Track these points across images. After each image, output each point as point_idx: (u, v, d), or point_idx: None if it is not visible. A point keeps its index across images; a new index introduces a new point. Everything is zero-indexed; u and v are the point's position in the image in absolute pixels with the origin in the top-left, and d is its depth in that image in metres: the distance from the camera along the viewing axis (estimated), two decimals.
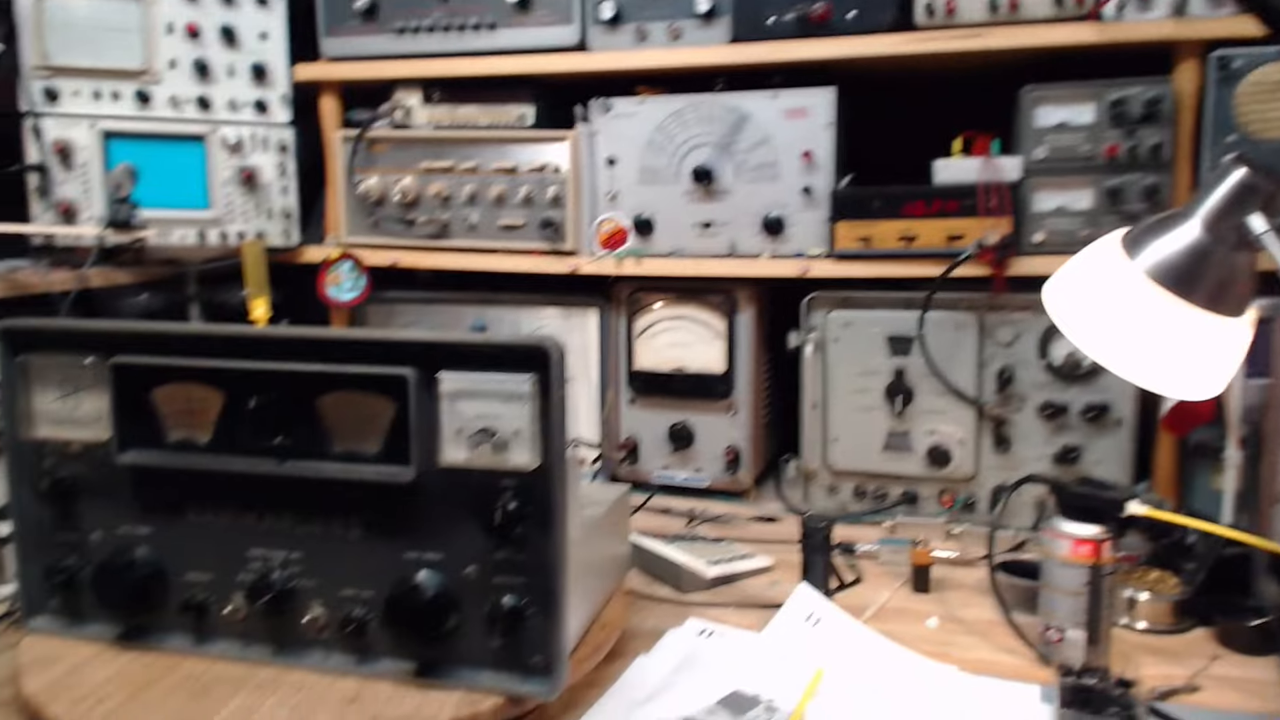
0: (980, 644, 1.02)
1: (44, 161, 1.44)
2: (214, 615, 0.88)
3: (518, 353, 0.80)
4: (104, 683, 0.83)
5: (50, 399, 0.91)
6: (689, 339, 1.50)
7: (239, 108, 1.56)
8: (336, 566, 0.85)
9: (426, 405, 0.81)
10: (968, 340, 1.35)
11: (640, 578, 1.19)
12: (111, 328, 0.90)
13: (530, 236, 1.53)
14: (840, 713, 0.87)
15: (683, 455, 1.53)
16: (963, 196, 1.32)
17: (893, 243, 1.36)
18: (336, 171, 1.62)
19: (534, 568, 0.81)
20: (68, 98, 1.46)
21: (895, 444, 1.40)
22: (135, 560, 0.88)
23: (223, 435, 0.87)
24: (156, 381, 0.88)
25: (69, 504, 0.91)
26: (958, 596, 1.14)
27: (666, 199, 1.48)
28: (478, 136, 1.55)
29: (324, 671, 0.85)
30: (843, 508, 1.44)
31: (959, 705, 0.88)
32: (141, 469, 0.89)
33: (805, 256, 1.42)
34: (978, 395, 1.36)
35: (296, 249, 1.64)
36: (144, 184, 1.44)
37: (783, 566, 1.22)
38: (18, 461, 0.93)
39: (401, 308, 1.65)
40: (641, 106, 1.48)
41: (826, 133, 1.40)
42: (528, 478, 0.80)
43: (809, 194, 1.41)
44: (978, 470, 1.37)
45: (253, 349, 0.86)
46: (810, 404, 1.43)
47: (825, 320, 1.41)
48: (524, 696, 0.81)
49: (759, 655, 0.97)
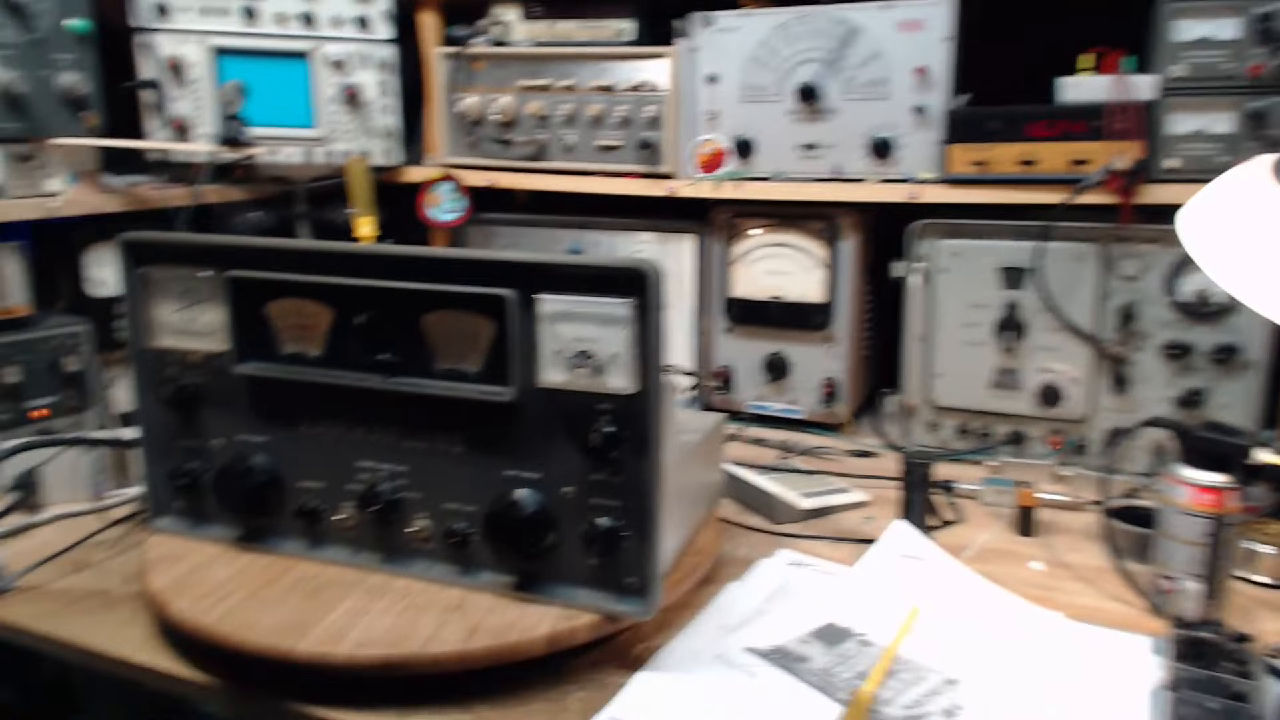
0: (1087, 590, 0.99)
1: (157, 78, 1.48)
2: (326, 522, 0.92)
3: (616, 276, 0.79)
4: (225, 581, 0.87)
5: (171, 310, 0.94)
6: (788, 266, 1.47)
7: (341, 24, 1.56)
8: (439, 481, 0.88)
9: (526, 326, 0.82)
10: (1088, 273, 1.28)
11: (732, 507, 1.19)
12: (227, 242, 0.93)
13: (627, 158, 1.51)
14: (936, 651, 0.85)
15: (778, 386, 1.51)
16: (1090, 117, 1.23)
17: (1011, 167, 1.28)
18: (436, 90, 1.62)
19: (629, 491, 0.81)
20: (178, 13, 1.49)
21: (1003, 381, 1.35)
22: (253, 466, 0.92)
23: (332, 350, 0.89)
24: (270, 296, 0.90)
25: (191, 411, 0.95)
26: (1064, 541, 1.11)
27: (768, 119, 1.43)
28: (576, 53, 1.52)
29: (428, 580, 0.88)
30: (944, 445, 1.40)
31: (1063, 652, 0.86)
32: (257, 380, 0.92)
33: (915, 181, 1.35)
34: (1096, 332, 1.29)
35: (398, 169, 1.65)
36: (252, 102, 1.46)
37: (879, 502, 1.20)
38: (143, 369, 0.97)
39: (499, 229, 1.66)
40: (745, 20, 1.42)
41: (943, 47, 1.32)
42: (624, 401, 0.80)
43: (921, 113, 1.34)
44: (1091, 411, 1.31)
45: (359, 266, 0.87)
46: (914, 337, 1.39)
47: (933, 249, 1.36)
48: (619, 615, 0.82)
49: (853, 589, 0.96)
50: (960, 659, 0.84)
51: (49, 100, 1.26)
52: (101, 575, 0.99)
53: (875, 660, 0.83)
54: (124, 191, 1.39)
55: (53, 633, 0.87)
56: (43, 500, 1.13)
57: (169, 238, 0.96)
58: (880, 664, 0.83)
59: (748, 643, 0.86)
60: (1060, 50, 1.28)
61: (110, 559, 1.02)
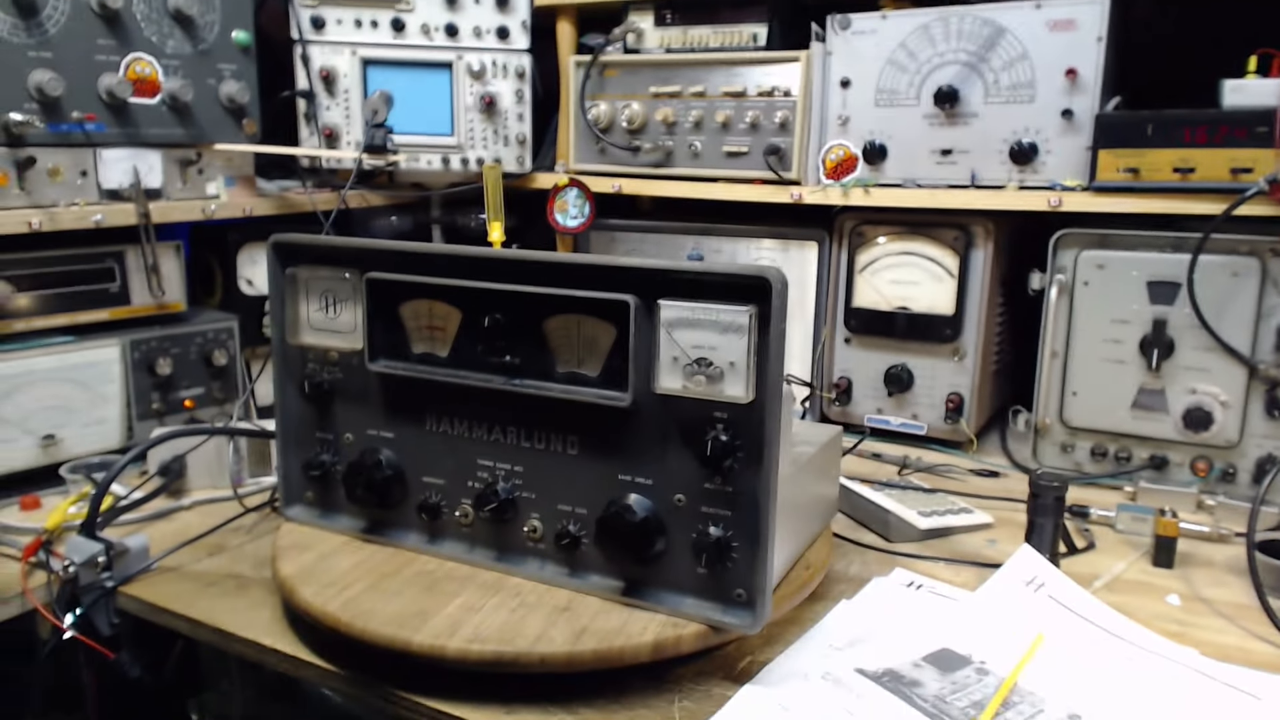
0: (1228, 628, 0.92)
1: (311, 87, 1.57)
2: (445, 518, 0.95)
3: (739, 283, 0.78)
4: (349, 570, 0.92)
5: (314, 308, 1.00)
6: (916, 276, 1.42)
7: (483, 34, 1.61)
8: (554, 482, 0.89)
9: (646, 332, 0.82)
10: (1246, 289, 1.19)
11: (846, 523, 1.17)
12: (367, 245, 0.97)
13: (754, 164, 1.50)
14: (1059, 683, 0.81)
15: (898, 399, 1.47)
16: (1255, 123, 1.15)
17: (1165, 174, 1.21)
18: (569, 98, 1.65)
19: (742, 501, 0.80)
20: (332, 26, 1.57)
21: (1146, 402, 1.27)
22: (381, 461, 0.96)
23: (460, 351, 0.92)
24: (404, 297, 0.94)
25: (326, 406, 1.01)
26: (1205, 574, 1.03)
27: (902, 123, 1.39)
28: (707, 59, 1.52)
29: (539, 579, 0.90)
30: (1077, 467, 1.33)
31: (1197, 691, 0.80)
32: (388, 378, 0.96)
33: (1060, 188, 1.29)
34: (1252, 353, 1.20)
35: (528, 175, 1.70)
36: (396, 110, 1.53)
37: (1003, 525, 1.15)
38: (285, 365, 1.03)
39: (620, 235, 1.68)
40: (883, 22, 1.38)
41: (1096, 48, 1.25)
42: (741, 411, 0.79)
43: (1069, 117, 1.28)
44: (1242, 437, 1.22)
45: (489, 270, 0.89)
46: (1050, 352, 1.32)
47: (1076, 260, 1.29)
48: (725, 626, 0.82)
49: (972, 614, 0.93)
50: (1084, 693, 0.80)
51: (212, 108, 1.36)
52: (235, 559, 1.05)
53: (993, 690, 0.80)
54: (275, 195, 1.48)
55: (188, 613, 0.93)
56: (186, 486, 1.21)
57: (315, 240, 1.01)
58: (998, 694, 0.79)
59: (857, 663, 0.84)
60: (1222, 51, 1.20)
61: (244, 544, 1.09)
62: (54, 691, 1.09)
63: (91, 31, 1.23)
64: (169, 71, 1.30)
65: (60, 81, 1.19)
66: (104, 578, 0.97)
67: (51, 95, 1.18)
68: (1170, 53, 1.30)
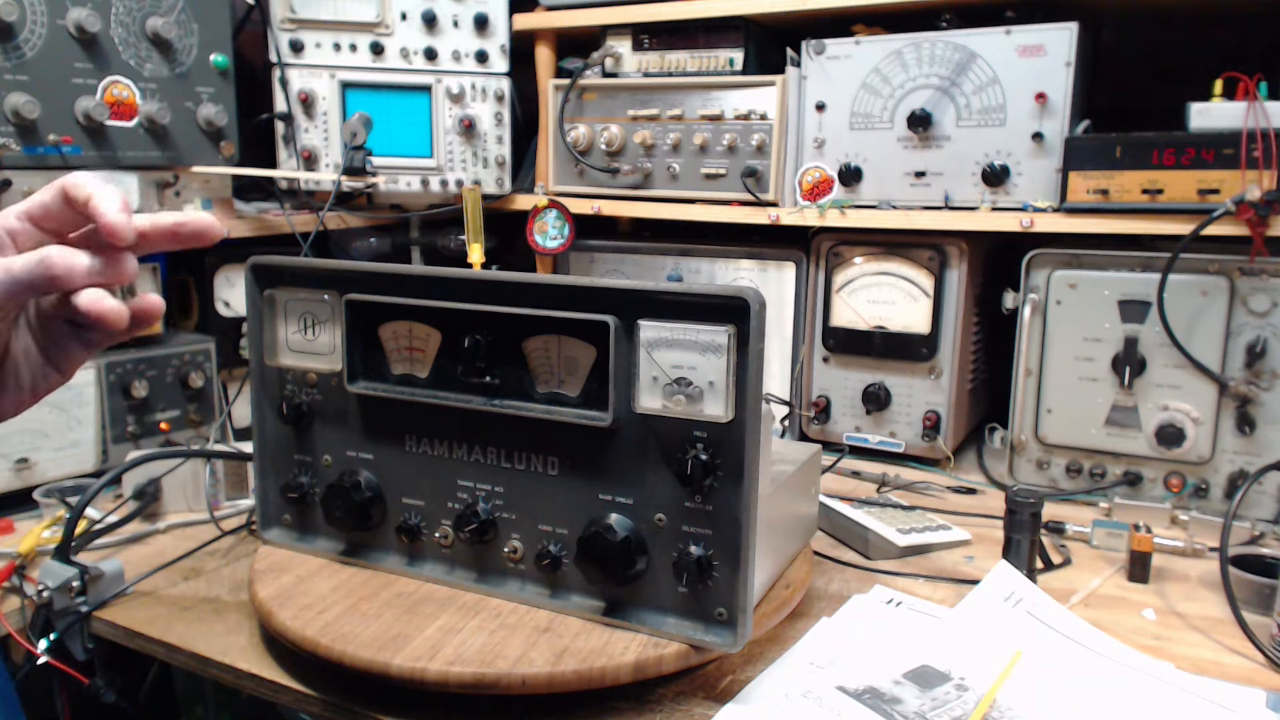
0: (1203, 642, 0.93)
1: (289, 110, 1.57)
2: (425, 539, 0.95)
3: (718, 304, 0.79)
4: (327, 593, 0.91)
5: (292, 330, 0.99)
6: (892, 296, 1.44)
7: (462, 58, 1.62)
8: (534, 503, 0.89)
9: (625, 352, 0.83)
10: (1215, 307, 1.21)
11: (826, 540, 1.17)
12: (346, 267, 0.97)
13: (732, 186, 1.51)
14: (1038, 699, 0.82)
15: (876, 418, 1.48)
16: (1222, 145, 1.17)
17: (1135, 195, 1.23)
18: (548, 120, 1.66)
19: (722, 520, 0.81)
20: (311, 49, 1.58)
21: (1119, 419, 1.29)
22: (360, 483, 0.96)
23: (439, 372, 0.92)
24: (383, 318, 0.94)
25: (304, 428, 1.00)
26: (1180, 589, 1.05)
27: (877, 146, 1.41)
28: (685, 83, 1.54)
29: (519, 600, 0.89)
30: (1052, 484, 1.35)
31: (1173, 705, 0.81)
32: (368, 399, 0.96)
33: (1032, 209, 1.31)
34: (1222, 370, 1.22)
35: (508, 196, 1.70)
36: (375, 133, 1.53)
37: (981, 541, 1.16)
38: (263, 386, 1.02)
39: (600, 255, 1.68)
40: (857, 47, 1.41)
41: (1065, 72, 1.28)
42: (721, 430, 0.80)
43: (1039, 140, 1.30)
44: (1214, 453, 1.24)
45: (469, 291, 0.90)
46: (1024, 370, 1.34)
47: (1048, 280, 1.31)
48: (706, 645, 0.82)
49: (951, 631, 0.93)
50: (1062, 707, 0.80)
51: (190, 131, 1.36)
52: (212, 583, 1.04)
53: (973, 706, 0.80)
54: (253, 217, 1.48)
55: (164, 637, 0.91)
56: (162, 510, 1.20)
57: (293, 261, 1.01)
58: (978, 710, 0.80)
59: (838, 681, 0.84)
60: (1187, 75, 1.23)
61: (221, 568, 1.08)
62: (28, 717, 1.07)
63: (69, 54, 1.23)
64: (146, 94, 1.30)
65: (37, 104, 1.18)
66: (79, 602, 0.95)
67: (28, 118, 1.18)
68: (1138, 77, 1.33)
